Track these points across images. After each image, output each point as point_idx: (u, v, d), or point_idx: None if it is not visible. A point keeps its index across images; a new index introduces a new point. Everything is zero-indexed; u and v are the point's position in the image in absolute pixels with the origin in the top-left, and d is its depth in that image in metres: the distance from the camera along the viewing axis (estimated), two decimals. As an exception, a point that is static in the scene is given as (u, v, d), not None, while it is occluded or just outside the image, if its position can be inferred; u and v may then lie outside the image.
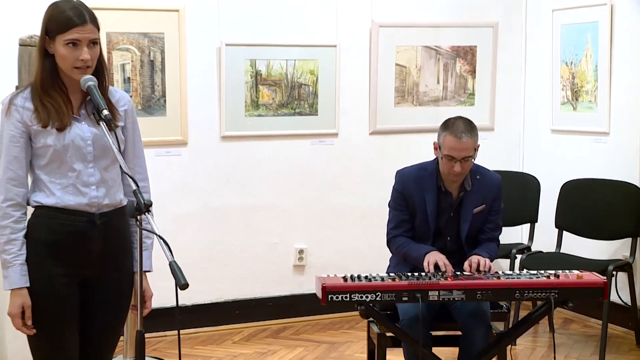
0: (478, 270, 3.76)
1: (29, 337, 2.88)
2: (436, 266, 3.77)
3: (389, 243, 4.06)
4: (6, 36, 4.70)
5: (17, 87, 4.31)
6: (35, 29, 2.91)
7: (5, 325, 4.48)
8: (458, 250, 3.98)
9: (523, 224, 5.79)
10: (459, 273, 3.72)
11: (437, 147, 3.89)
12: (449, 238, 3.99)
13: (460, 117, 3.92)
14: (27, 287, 2.82)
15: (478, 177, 3.97)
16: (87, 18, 2.79)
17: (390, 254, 4.12)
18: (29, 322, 2.83)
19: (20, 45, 4.32)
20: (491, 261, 3.85)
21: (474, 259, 3.81)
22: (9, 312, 2.83)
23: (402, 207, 4.00)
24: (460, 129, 3.81)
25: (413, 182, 3.97)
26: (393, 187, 4.05)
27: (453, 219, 3.97)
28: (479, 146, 3.91)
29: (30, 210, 2.90)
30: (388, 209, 4.08)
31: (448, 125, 3.86)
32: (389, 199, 4.08)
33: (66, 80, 2.84)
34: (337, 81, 5.62)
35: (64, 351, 2.86)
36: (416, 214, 3.98)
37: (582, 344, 5.24)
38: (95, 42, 2.82)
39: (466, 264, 3.81)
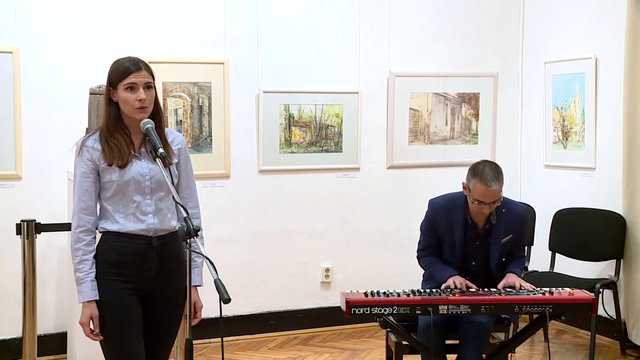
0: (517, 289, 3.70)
1: (101, 343, 2.89)
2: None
3: (419, 260, 4.02)
4: (79, 86, 4.77)
5: (87, 130, 4.38)
6: (102, 79, 2.96)
7: (74, 334, 4.51)
8: (482, 273, 3.89)
9: (520, 247, 5.74)
10: (468, 291, 3.68)
11: (466, 188, 3.74)
12: (473, 263, 3.89)
13: (487, 163, 3.70)
14: (97, 300, 2.84)
15: (504, 210, 3.80)
16: (142, 66, 2.86)
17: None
18: (97, 330, 2.85)
19: (90, 93, 4.39)
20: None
21: (511, 279, 3.76)
22: (80, 321, 2.85)
23: (431, 234, 3.93)
24: (489, 177, 3.61)
25: (443, 213, 3.86)
26: (426, 214, 3.95)
27: (479, 247, 3.87)
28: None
29: (98, 236, 2.93)
30: (419, 231, 4.01)
31: (477, 172, 3.66)
32: (419, 222, 3.98)
33: (128, 123, 2.88)
34: (359, 123, 5.63)
35: (132, 354, 2.86)
36: (445, 240, 3.89)
37: (573, 352, 5.17)
38: (150, 86, 2.86)
39: (501, 284, 3.75)
